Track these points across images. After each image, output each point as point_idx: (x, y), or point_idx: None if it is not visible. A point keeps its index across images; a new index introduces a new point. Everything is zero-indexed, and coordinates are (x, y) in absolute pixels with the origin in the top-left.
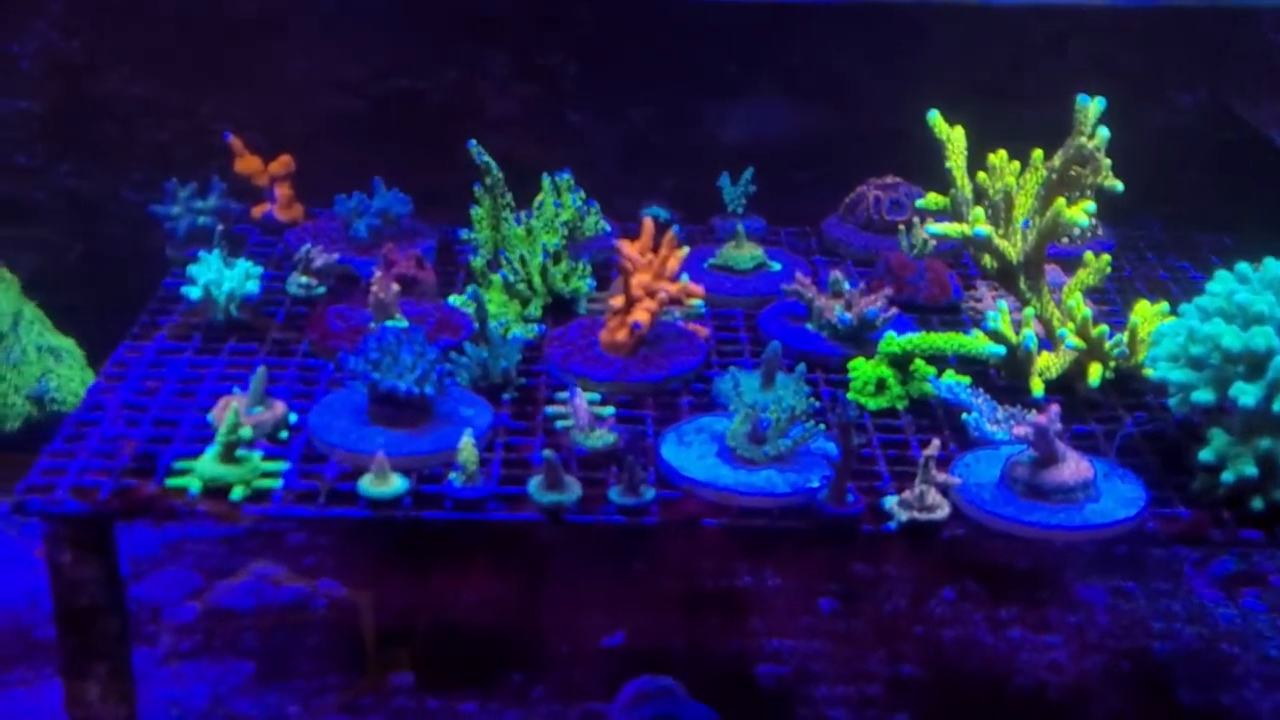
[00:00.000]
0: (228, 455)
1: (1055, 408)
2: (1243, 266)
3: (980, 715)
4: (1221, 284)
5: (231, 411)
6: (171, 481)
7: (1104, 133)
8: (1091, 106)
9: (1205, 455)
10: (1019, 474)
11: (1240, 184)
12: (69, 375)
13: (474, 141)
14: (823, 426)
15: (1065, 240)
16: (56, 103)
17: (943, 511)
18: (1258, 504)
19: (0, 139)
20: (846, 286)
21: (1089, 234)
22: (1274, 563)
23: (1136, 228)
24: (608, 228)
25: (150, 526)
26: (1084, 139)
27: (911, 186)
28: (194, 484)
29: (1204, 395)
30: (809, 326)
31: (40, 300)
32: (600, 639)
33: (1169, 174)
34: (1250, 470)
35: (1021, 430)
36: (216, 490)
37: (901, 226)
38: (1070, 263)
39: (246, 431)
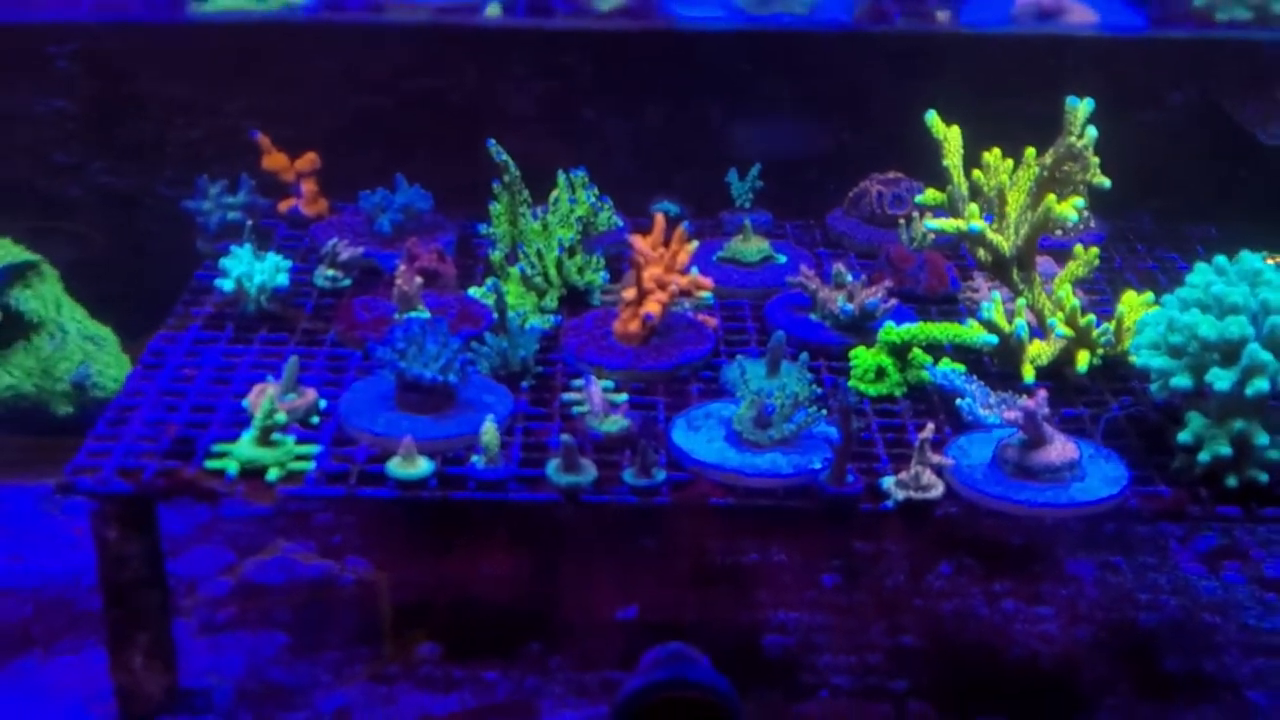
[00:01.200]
0: (264, 439)
1: (1043, 393)
2: (1220, 259)
3: (975, 683)
4: (1200, 276)
5: (267, 398)
6: (210, 464)
7: (1092, 132)
8: (1081, 108)
9: (1183, 437)
10: (1009, 455)
11: (1227, 178)
12: (108, 362)
13: (493, 141)
14: (824, 412)
15: (1059, 233)
16: (92, 102)
17: (937, 491)
18: (1232, 482)
19: (39, 137)
20: (849, 278)
21: (1082, 227)
22: (1254, 537)
23: (1128, 220)
24: (620, 223)
25: (189, 507)
26: (1073, 138)
27: (913, 182)
28: (232, 466)
29: (1182, 381)
30: (813, 317)
31: (77, 292)
32: (615, 612)
33: (1160, 169)
34: (1225, 450)
35: (1011, 414)
36: (253, 472)
37: (902, 221)
38: (1063, 255)
39: (281, 416)
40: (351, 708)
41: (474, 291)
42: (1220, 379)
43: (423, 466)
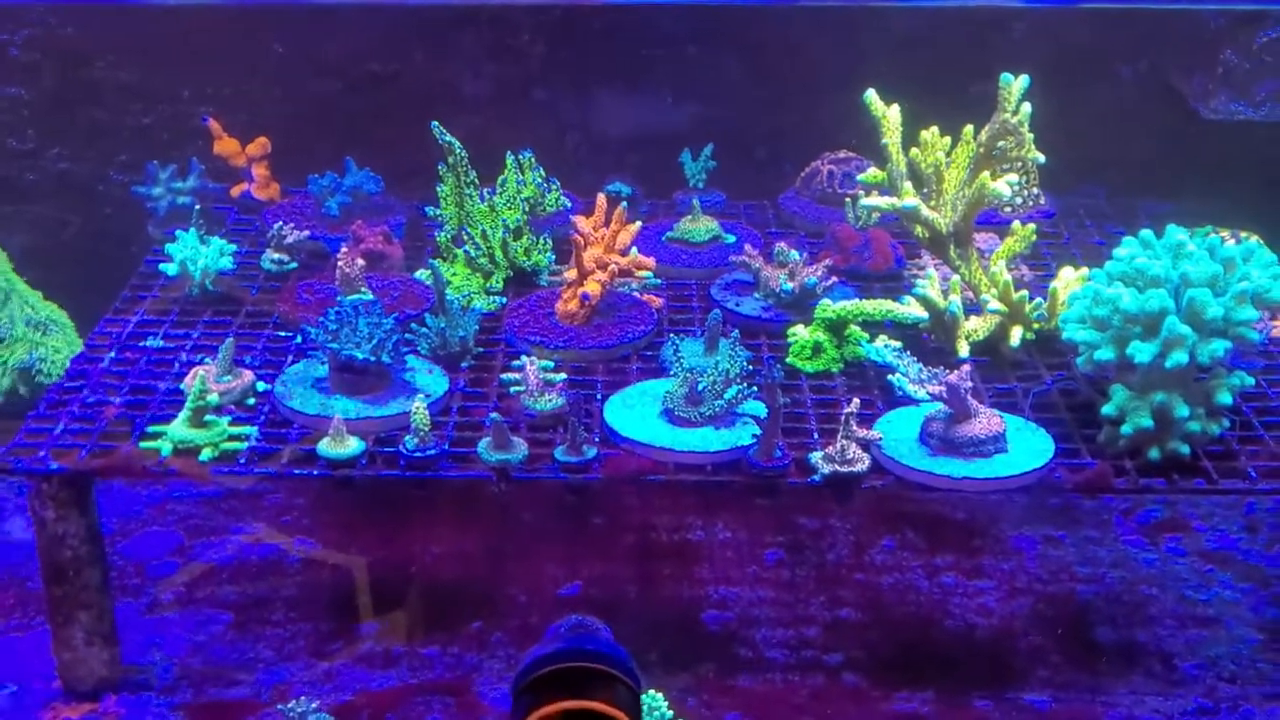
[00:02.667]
0: (196, 420)
1: (967, 367)
2: (1145, 233)
3: (911, 654)
4: (1126, 249)
5: (199, 379)
6: (145, 444)
7: (1027, 108)
8: (1015, 83)
9: (1107, 410)
10: (934, 429)
11: (1179, 153)
12: (58, 348)
13: (436, 123)
14: (754, 388)
15: (1007, 210)
16: (46, 89)
17: (863, 465)
18: (1154, 454)
19: None
20: (791, 257)
21: (1031, 203)
22: (1196, 510)
23: (1081, 196)
24: (569, 204)
25: (128, 486)
26: (1008, 114)
27: (864, 161)
28: (165, 447)
29: (1106, 354)
30: (756, 296)
31: (31, 277)
32: (557, 589)
33: (1112, 144)
34: (1146, 422)
35: (935, 389)
36: (186, 452)
37: (848, 199)
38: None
39: (214, 398)
40: (290, 683)
41: (420, 274)
42: (1141, 351)
43: (353, 446)
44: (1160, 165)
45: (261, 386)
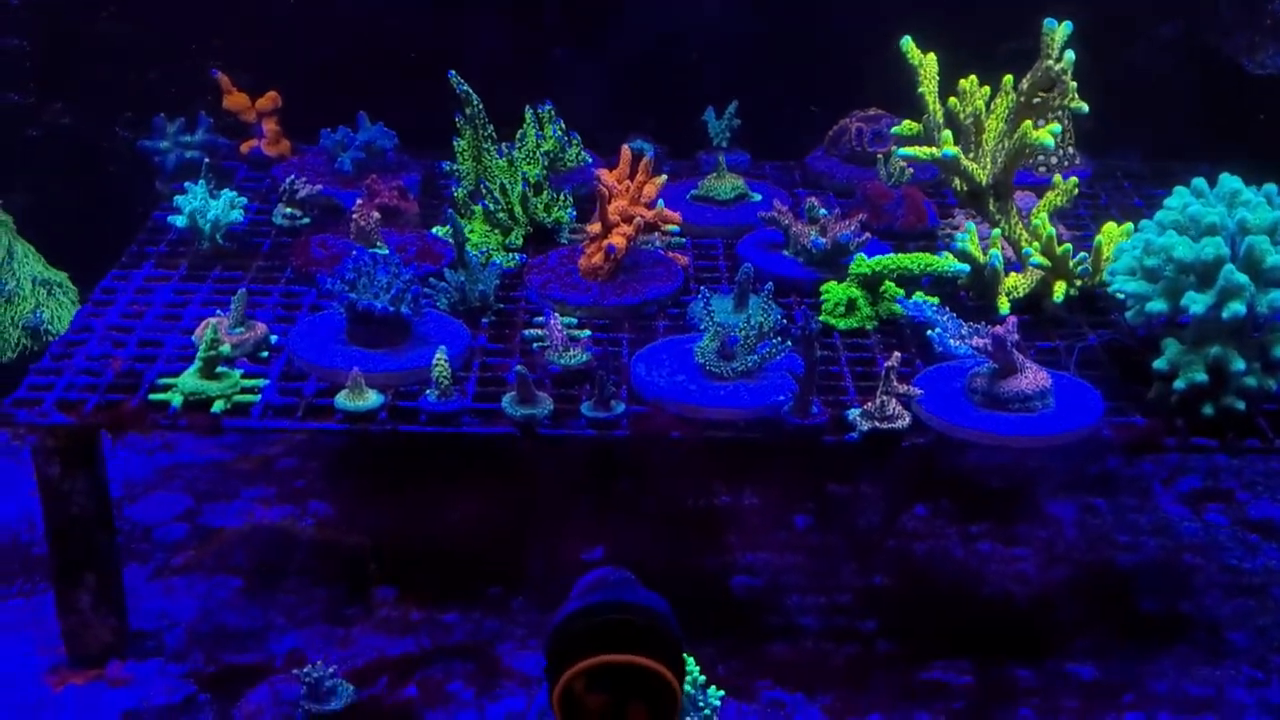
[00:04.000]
0: (208, 371)
1: (1013, 319)
2: (1198, 181)
3: (947, 622)
4: (1177, 199)
5: (210, 329)
6: (154, 396)
7: (1070, 55)
8: (1059, 30)
9: (1159, 364)
10: (978, 385)
11: (1216, 113)
12: (63, 308)
13: (453, 72)
14: (789, 343)
15: (1041, 169)
16: (47, 41)
17: (903, 421)
18: (1208, 410)
19: None
20: (821, 213)
21: (1066, 163)
22: (1238, 479)
23: (1116, 158)
24: (589, 159)
25: (138, 443)
26: (1050, 62)
27: (894, 118)
28: (175, 398)
29: (1157, 305)
30: (785, 253)
31: (34, 236)
32: (580, 553)
33: (1149, 104)
34: (1200, 377)
35: (980, 341)
36: (197, 404)
37: (880, 156)
38: (1046, 191)
39: (225, 348)
40: (305, 649)
41: (438, 230)
42: (1195, 302)
43: (372, 399)
44: (1198, 126)
45: (274, 339)
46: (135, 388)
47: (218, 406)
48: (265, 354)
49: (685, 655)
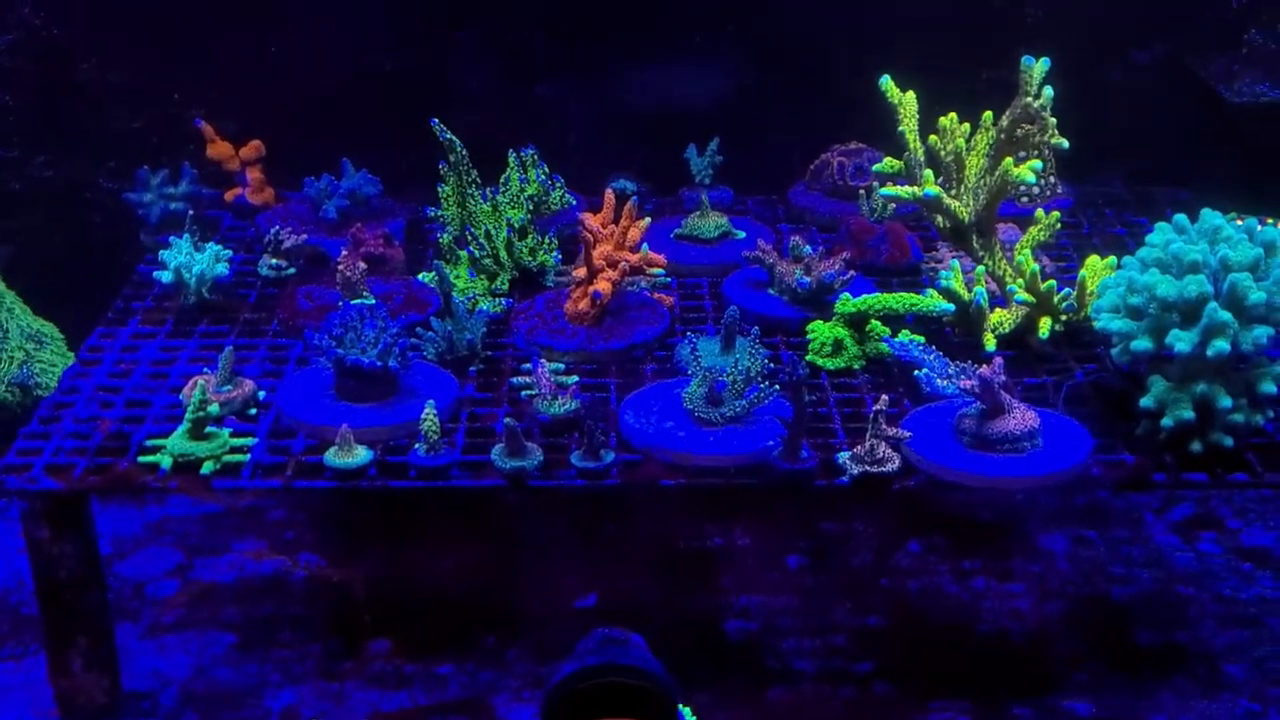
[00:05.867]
0: (196, 432)
1: (999, 360)
2: (1180, 218)
3: (944, 662)
4: (1160, 235)
5: (198, 389)
6: (143, 458)
7: (1049, 92)
8: (1036, 66)
9: (1146, 402)
10: (966, 426)
11: (1197, 138)
12: (51, 360)
13: (436, 120)
14: (777, 387)
15: (1024, 200)
16: (32, 93)
17: (893, 464)
18: (1196, 447)
19: None
20: (806, 251)
21: (1048, 192)
22: (1230, 506)
23: (1097, 185)
24: (573, 201)
25: (127, 503)
26: (1030, 98)
27: (875, 151)
28: (165, 460)
29: (1142, 344)
30: (770, 292)
31: (20, 288)
32: (573, 600)
33: (1129, 130)
34: (1188, 415)
35: (967, 383)
36: (187, 466)
37: (862, 191)
38: (1028, 222)
39: (214, 408)
40: (300, 706)
41: (423, 276)
42: (1181, 340)
43: (361, 455)
44: (1178, 152)
45: (262, 395)
46: (124, 450)
47: (207, 468)
48: (254, 411)
49: (682, 706)
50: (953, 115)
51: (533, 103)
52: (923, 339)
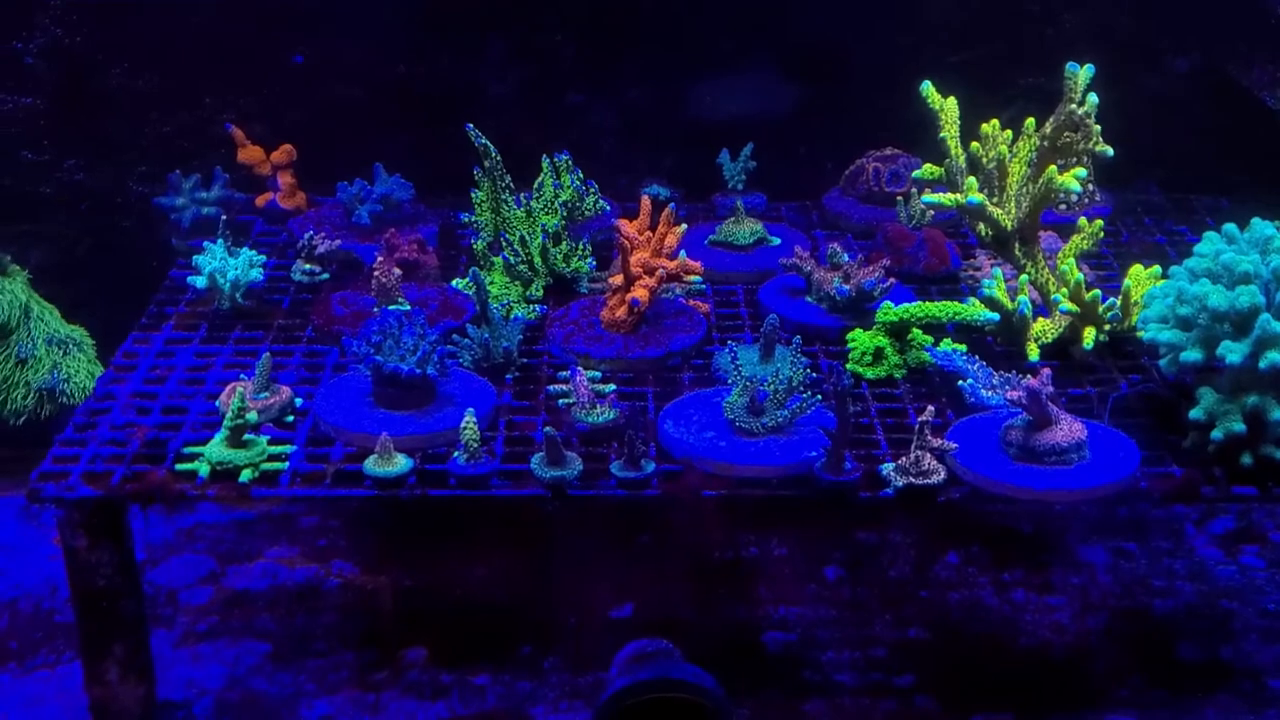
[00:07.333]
0: (235, 439)
1: (1047, 371)
2: (1229, 227)
3: (985, 675)
4: (1209, 245)
5: (237, 396)
6: (181, 466)
7: (1093, 99)
8: (1081, 73)
9: (1195, 414)
10: (1013, 437)
11: (1236, 146)
12: (78, 367)
13: (471, 125)
14: (819, 397)
15: (1063, 207)
16: (61, 98)
17: (938, 476)
18: (1247, 460)
19: (6, 134)
20: (844, 259)
21: (1087, 200)
22: (1273, 519)
23: (1135, 192)
24: (607, 207)
25: (162, 511)
26: (1074, 105)
27: (911, 157)
28: (203, 468)
29: (1192, 355)
30: (808, 299)
31: (49, 293)
32: (609, 611)
33: (1166, 138)
34: (1238, 427)
35: (1014, 394)
36: (225, 473)
37: (900, 198)
38: (1069, 230)
39: (252, 415)
40: (336, 716)
41: (457, 283)
42: (1232, 352)
43: (401, 464)
44: (1216, 159)
45: (299, 402)
46: (161, 457)
47: (245, 476)
48: (291, 418)
49: None
50: (994, 122)
51: (563, 109)
52: (965, 348)
